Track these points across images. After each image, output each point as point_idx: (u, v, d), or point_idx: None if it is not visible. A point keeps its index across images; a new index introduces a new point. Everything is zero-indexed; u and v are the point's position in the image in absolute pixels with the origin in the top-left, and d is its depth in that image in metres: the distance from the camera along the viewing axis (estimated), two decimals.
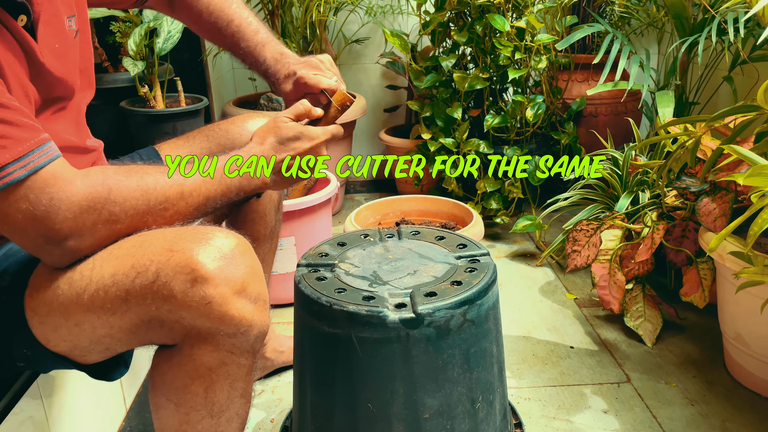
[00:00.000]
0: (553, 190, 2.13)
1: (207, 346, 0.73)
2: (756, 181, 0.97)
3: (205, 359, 0.74)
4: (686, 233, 1.47)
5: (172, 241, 0.72)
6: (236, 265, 0.72)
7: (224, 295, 0.70)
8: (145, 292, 0.70)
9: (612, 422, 1.28)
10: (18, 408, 0.94)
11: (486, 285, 0.93)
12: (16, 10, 0.75)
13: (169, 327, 0.72)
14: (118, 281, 0.71)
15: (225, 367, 0.75)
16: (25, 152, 0.68)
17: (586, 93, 2.19)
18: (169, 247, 0.71)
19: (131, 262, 0.71)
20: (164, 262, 0.70)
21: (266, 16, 2.29)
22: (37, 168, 0.69)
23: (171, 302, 0.70)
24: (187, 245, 0.71)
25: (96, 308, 0.72)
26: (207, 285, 0.69)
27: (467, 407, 0.92)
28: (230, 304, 0.71)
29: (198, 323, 0.71)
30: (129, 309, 0.71)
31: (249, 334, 0.74)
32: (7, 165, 0.67)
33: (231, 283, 0.71)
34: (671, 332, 1.57)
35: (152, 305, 0.70)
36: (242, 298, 0.72)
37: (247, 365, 0.78)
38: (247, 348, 0.75)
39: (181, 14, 1.13)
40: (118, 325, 0.73)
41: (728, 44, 1.75)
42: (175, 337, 0.73)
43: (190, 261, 0.69)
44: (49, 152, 0.71)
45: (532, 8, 2.05)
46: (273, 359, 1.41)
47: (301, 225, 1.66)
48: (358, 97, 2.40)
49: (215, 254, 0.71)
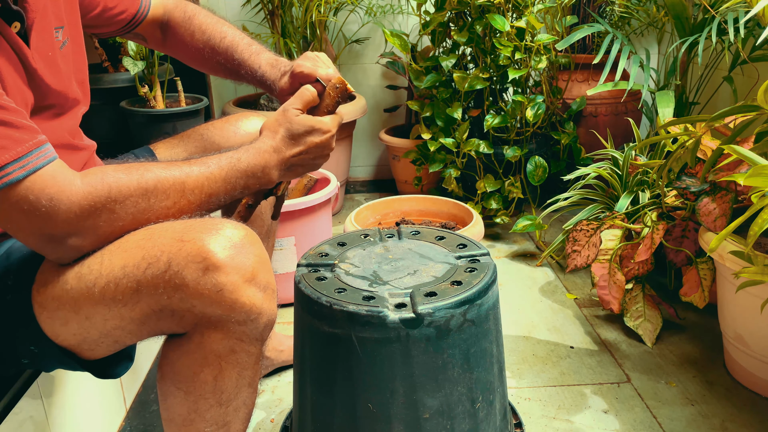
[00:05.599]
0: (553, 190, 2.13)
1: (217, 334, 0.74)
2: (756, 181, 0.97)
3: (215, 346, 0.75)
4: (686, 233, 1.47)
5: (182, 231, 0.73)
6: (246, 254, 0.73)
7: (235, 282, 0.71)
8: (156, 282, 0.71)
9: (612, 422, 1.28)
10: (18, 408, 0.94)
11: (486, 285, 0.93)
12: (11, 17, 0.76)
13: (180, 316, 0.73)
14: (129, 273, 0.72)
15: (234, 354, 0.76)
16: (24, 153, 0.68)
17: (586, 93, 2.19)
18: (179, 238, 0.72)
19: (141, 254, 0.72)
20: (175, 252, 0.71)
21: (266, 16, 2.29)
22: (36, 168, 0.69)
23: (183, 291, 0.71)
24: (198, 235, 0.72)
25: (107, 300, 0.73)
26: (218, 273, 0.71)
27: (467, 407, 0.92)
28: (241, 292, 0.72)
29: (209, 311, 0.72)
30: (140, 300, 0.73)
31: (258, 322, 0.75)
32: (6, 165, 0.67)
33: (242, 271, 0.72)
34: (671, 332, 1.58)
35: (164, 294, 0.71)
36: (252, 286, 0.73)
37: (256, 353, 0.79)
38: (256, 336, 0.76)
39: (174, 39, 1.11)
40: (129, 316, 0.74)
41: (728, 44, 1.75)
42: (186, 325, 0.75)
43: (201, 250, 0.71)
44: (47, 153, 0.71)
45: (532, 8, 2.05)
46: (273, 358, 1.41)
47: (301, 225, 1.66)
48: (358, 97, 2.40)
49: (226, 243, 0.72)
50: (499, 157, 2.12)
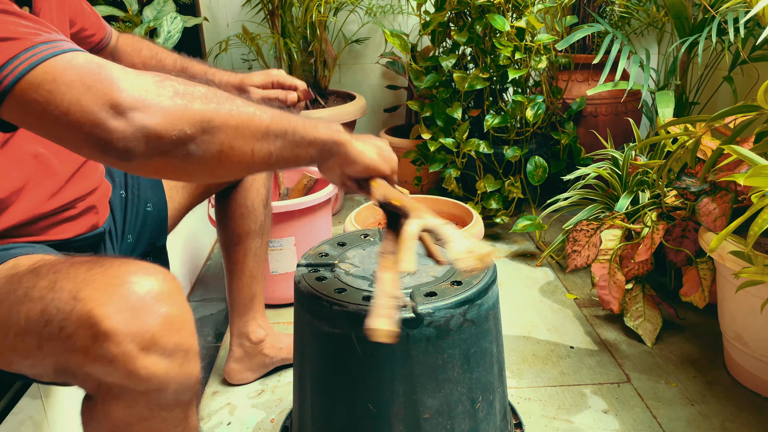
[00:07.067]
0: (553, 190, 2.13)
1: (120, 403, 0.67)
2: (756, 182, 0.97)
3: (120, 415, 0.68)
4: (686, 233, 1.47)
5: (81, 285, 0.65)
6: (145, 316, 0.63)
7: (129, 352, 0.63)
8: (54, 342, 0.65)
9: (612, 422, 1.28)
10: (18, 408, 0.94)
11: (486, 285, 0.93)
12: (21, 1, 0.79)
13: (81, 379, 0.67)
14: (32, 328, 0.66)
15: (146, 421, 0.69)
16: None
17: (586, 93, 2.19)
18: (75, 294, 0.64)
19: (41, 308, 0.66)
20: (68, 312, 0.64)
21: (266, 16, 2.29)
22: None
23: (77, 356, 0.64)
24: (93, 293, 0.64)
25: (19, 351, 0.68)
26: (109, 342, 0.62)
27: (467, 407, 0.92)
28: (137, 363, 0.63)
29: (107, 380, 0.65)
30: (45, 357, 0.67)
31: (165, 391, 0.66)
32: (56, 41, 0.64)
33: (137, 338, 0.63)
34: (671, 332, 1.58)
35: (62, 356, 0.65)
36: (152, 355, 0.64)
37: (176, 416, 0.71)
38: (169, 402, 0.68)
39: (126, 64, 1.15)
40: (41, 369, 0.69)
41: (728, 44, 1.75)
42: (90, 388, 0.69)
43: (91, 314, 0.62)
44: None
45: (532, 8, 2.05)
46: (272, 356, 1.41)
47: (301, 225, 1.66)
48: (358, 97, 2.40)
49: (121, 305, 0.63)
50: (499, 157, 2.12)
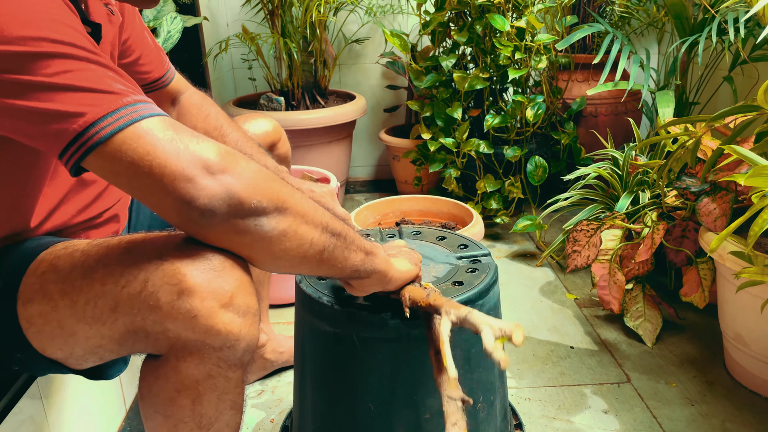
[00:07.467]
0: (553, 190, 2.13)
1: (193, 359, 0.71)
2: (756, 182, 0.97)
3: (191, 372, 0.72)
4: (686, 233, 1.47)
5: (162, 249, 0.70)
6: (225, 277, 0.70)
7: (211, 308, 0.68)
8: (132, 302, 0.69)
9: (612, 422, 1.28)
10: (18, 408, 0.94)
11: (487, 285, 0.93)
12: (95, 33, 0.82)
13: (154, 338, 0.71)
14: (108, 291, 0.70)
15: (212, 379, 0.73)
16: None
17: (586, 93, 2.19)
18: (159, 255, 0.70)
19: (121, 271, 0.70)
20: (153, 271, 0.69)
21: (266, 16, 2.29)
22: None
23: (157, 313, 0.68)
24: (178, 254, 0.69)
25: (87, 318, 0.71)
26: (193, 297, 0.68)
27: (468, 407, 0.92)
28: (217, 318, 0.69)
29: (184, 335, 0.69)
30: (117, 319, 0.70)
31: (236, 348, 0.72)
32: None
33: (218, 296, 0.69)
34: (671, 332, 1.58)
35: (138, 315, 0.69)
36: (229, 312, 0.70)
37: (236, 378, 0.76)
38: (235, 361, 0.74)
39: (187, 116, 1.17)
40: (108, 335, 0.72)
41: (728, 44, 1.75)
42: (161, 348, 0.72)
43: (177, 271, 0.68)
44: None
45: (532, 8, 2.05)
46: (273, 360, 1.41)
47: None
48: (358, 97, 2.40)
49: (204, 266, 0.69)
50: (499, 157, 2.12)
